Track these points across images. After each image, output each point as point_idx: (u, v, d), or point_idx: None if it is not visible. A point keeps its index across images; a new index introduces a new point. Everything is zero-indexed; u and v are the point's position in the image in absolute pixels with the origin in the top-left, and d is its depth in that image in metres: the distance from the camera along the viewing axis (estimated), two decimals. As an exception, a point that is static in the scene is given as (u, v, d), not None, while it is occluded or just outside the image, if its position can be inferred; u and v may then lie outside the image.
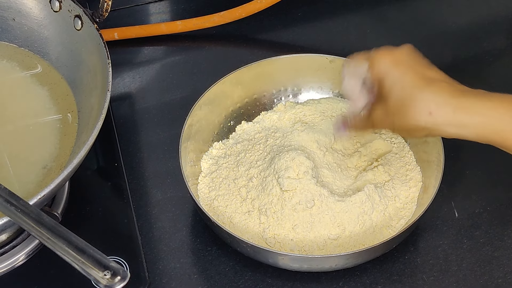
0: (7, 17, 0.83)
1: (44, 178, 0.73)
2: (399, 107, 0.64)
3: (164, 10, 1.04)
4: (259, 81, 0.85)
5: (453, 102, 0.62)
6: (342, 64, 0.72)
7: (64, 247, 0.56)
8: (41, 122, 0.78)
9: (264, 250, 0.70)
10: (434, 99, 0.62)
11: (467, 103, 0.62)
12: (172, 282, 0.74)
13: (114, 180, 0.82)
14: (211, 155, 0.81)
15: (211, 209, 0.76)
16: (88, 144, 0.66)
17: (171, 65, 0.97)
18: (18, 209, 0.59)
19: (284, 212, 0.73)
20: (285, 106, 0.86)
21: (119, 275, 0.54)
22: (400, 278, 0.74)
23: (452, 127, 0.62)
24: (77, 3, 0.78)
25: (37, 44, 0.83)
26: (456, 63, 0.96)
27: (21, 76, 0.82)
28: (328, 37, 1.00)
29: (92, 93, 0.76)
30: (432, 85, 0.63)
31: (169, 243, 0.77)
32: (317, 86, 0.87)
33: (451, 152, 0.84)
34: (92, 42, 0.76)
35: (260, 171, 0.77)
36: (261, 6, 0.97)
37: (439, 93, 0.62)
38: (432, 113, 0.62)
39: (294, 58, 0.85)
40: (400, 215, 0.75)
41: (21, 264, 0.74)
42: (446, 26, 1.01)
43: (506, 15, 1.02)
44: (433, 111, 0.62)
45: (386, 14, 1.03)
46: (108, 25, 0.96)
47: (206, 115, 0.82)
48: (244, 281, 0.75)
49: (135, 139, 0.87)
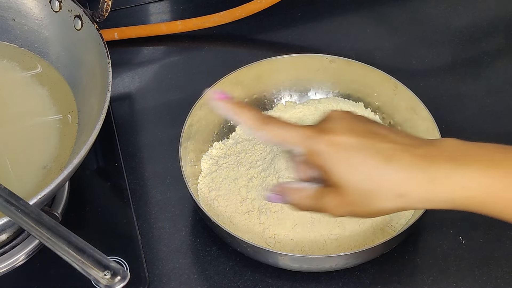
0: (7, 17, 0.83)
1: (44, 178, 0.73)
2: (359, 197, 0.54)
3: (164, 10, 1.04)
4: (259, 81, 0.85)
5: (425, 176, 0.52)
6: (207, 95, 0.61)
7: (64, 247, 0.56)
8: (41, 122, 0.78)
9: (264, 250, 0.70)
10: (400, 179, 0.52)
11: (441, 172, 0.52)
12: (171, 282, 0.74)
13: (114, 180, 0.82)
14: (211, 155, 0.81)
15: (211, 209, 0.76)
16: (88, 144, 0.66)
17: (171, 65, 0.97)
18: (18, 209, 0.59)
19: (284, 212, 0.73)
20: (285, 106, 0.86)
21: (119, 275, 0.54)
22: (399, 278, 0.74)
23: (428, 202, 0.53)
24: (77, 3, 0.78)
25: (37, 44, 0.83)
26: (455, 64, 0.97)
27: (21, 76, 0.82)
28: (328, 37, 1.00)
29: (92, 93, 0.76)
30: (392, 160, 0.53)
31: (168, 243, 0.77)
32: (317, 86, 0.87)
33: (451, 152, 0.84)
34: (92, 42, 0.76)
35: (260, 171, 0.77)
36: (261, 6, 0.97)
37: (404, 168, 0.52)
38: (403, 195, 0.52)
39: (294, 58, 0.85)
40: (400, 215, 0.75)
41: (21, 264, 0.74)
42: (445, 26, 1.01)
43: (505, 16, 1.02)
44: (403, 193, 0.52)
45: (386, 14, 1.03)
46: (108, 25, 0.96)
47: (206, 115, 0.82)
48: (243, 281, 0.75)
49: (135, 139, 0.87)
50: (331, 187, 0.55)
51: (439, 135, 0.76)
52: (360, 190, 0.53)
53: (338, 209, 0.55)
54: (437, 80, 0.94)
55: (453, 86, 0.93)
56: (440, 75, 0.95)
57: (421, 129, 0.79)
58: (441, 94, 0.92)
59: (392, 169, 0.52)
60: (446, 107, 0.90)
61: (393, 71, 0.84)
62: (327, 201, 0.55)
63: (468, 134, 0.88)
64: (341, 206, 0.55)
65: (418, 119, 0.80)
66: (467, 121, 0.89)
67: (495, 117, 0.89)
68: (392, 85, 0.82)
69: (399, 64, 0.96)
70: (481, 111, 0.91)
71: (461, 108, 0.91)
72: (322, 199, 0.56)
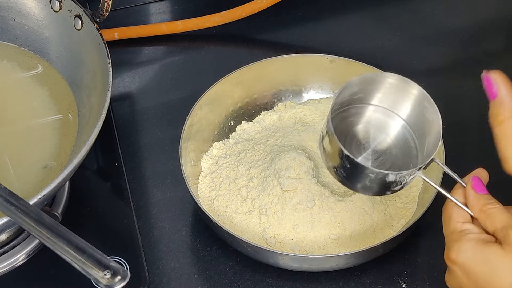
0: (7, 17, 0.83)
1: (44, 178, 0.73)
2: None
3: (164, 10, 1.04)
4: (259, 81, 0.85)
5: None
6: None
7: (64, 246, 0.56)
8: (41, 122, 0.78)
9: (265, 250, 0.70)
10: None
11: None
12: (172, 282, 0.74)
13: (114, 180, 0.82)
14: (212, 155, 0.81)
15: (212, 209, 0.76)
16: (88, 144, 0.66)
17: (171, 65, 0.97)
18: (18, 209, 0.59)
19: (284, 212, 0.73)
20: (286, 106, 0.86)
21: (119, 275, 0.54)
22: (400, 278, 0.74)
23: None
24: (77, 3, 0.78)
25: (37, 44, 0.83)
26: (455, 63, 0.96)
27: (21, 76, 0.82)
28: (328, 37, 1.00)
29: (92, 93, 0.76)
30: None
31: (169, 243, 0.77)
32: (318, 86, 0.87)
33: (452, 152, 0.84)
34: (92, 42, 0.76)
35: (260, 171, 0.77)
36: (261, 6, 0.97)
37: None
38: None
39: (295, 58, 0.85)
40: (400, 214, 0.75)
41: (21, 264, 0.74)
42: (446, 26, 1.01)
43: (506, 15, 1.02)
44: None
45: (386, 14, 1.03)
46: (109, 25, 0.96)
47: (206, 115, 0.82)
48: (243, 281, 0.75)
49: (135, 139, 0.87)
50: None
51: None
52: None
53: None
54: (437, 80, 0.94)
55: (454, 85, 0.93)
56: (440, 75, 0.95)
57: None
58: (441, 94, 0.92)
59: None
60: (446, 107, 0.90)
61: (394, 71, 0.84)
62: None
63: (468, 134, 0.88)
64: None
65: (418, 118, 0.80)
66: (467, 121, 0.89)
67: (495, 117, 0.89)
68: (393, 84, 0.82)
69: (399, 63, 0.96)
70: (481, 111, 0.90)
71: (461, 108, 0.90)
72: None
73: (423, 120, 0.68)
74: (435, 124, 0.66)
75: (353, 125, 0.71)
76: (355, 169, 0.64)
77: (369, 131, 0.71)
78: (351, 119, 0.71)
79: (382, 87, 0.69)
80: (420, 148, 0.69)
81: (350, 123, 0.71)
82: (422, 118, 0.68)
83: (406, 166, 0.68)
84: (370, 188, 0.65)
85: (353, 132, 0.71)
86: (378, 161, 0.69)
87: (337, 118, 0.69)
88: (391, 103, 0.70)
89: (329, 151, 0.66)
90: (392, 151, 0.70)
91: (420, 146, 0.69)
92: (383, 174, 0.63)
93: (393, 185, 0.64)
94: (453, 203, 0.61)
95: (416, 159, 0.69)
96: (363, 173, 0.64)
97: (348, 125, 0.71)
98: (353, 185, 0.66)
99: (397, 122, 0.70)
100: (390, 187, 0.64)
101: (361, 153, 0.69)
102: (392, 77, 0.68)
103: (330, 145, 0.65)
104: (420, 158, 0.68)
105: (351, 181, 0.66)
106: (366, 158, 0.69)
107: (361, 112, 0.71)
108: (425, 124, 0.68)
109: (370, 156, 0.69)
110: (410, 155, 0.70)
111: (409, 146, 0.70)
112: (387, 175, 0.63)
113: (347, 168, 0.64)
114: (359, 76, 0.67)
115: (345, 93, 0.67)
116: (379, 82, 0.69)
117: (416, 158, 0.69)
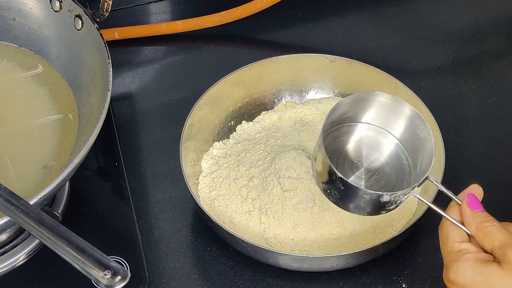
0: (8, 17, 0.83)
1: (45, 178, 0.73)
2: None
3: (164, 10, 1.04)
4: (259, 81, 0.85)
5: None
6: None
7: (65, 246, 0.56)
8: (42, 122, 0.78)
9: (265, 250, 0.70)
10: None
11: None
12: (172, 282, 0.74)
13: (114, 180, 0.82)
14: (212, 155, 0.81)
15: (212, 209, 0.76)
16: (88, 143, 0.66)
17: (171, 65, 0.97)
18: (18, 209, 0.59)
19: (284, 212, 0.73)
20: (286, 106, 0.86)
21: (120, 275, 0.54)
22: (400, 278, 0.74)
23: None
24: (78, 3, 0.78)
25: (38, 44, 0.83)
26: (455, 63, 0.96)
27: (21, 76, 0.82)
28: (328, 36, 1.00)
29: (93, 93, 0.76)
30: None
31: (169, 243, 0.77)
32: (318, 86, 0.87)
33: (452, 152, 0.84)
34: (92, 42, 0.76)
35: (260, 171, 0.77)
36: (261, 6, 0.97)
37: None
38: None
39: (295, 58, 0.85)
40: (400, 214, 0.75)
41: (22, 264, 0.74)
42: (446, 26, 1.01)
43: (505, 16, 1.02)
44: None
45: (386, 14, 1.03)
46: (109, 25, 0.96)
47: (206, 115, 0.82)
48: (244, 281, 0.75)
49: (135, 139, 0.87)
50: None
51: (439, 134, 0.76)
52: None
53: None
54: (437, 80, 0.94)
55: (454, 85, 0.93)
56: (441, 75, 0.95)
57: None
58: (441, 93, 0.92)
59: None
60: (446, 107, 0.90)
61: (394, 71, 0.84)
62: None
63: (468, 134, 0.88)
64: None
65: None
66: (467, 121, 0.89)
67: (495, 117, 0.89)
68: (393, 84, 0.82)
69: (400, 64, 0.96)
70: (481, 111, 0.90)
71: (461, 108, 0.90)
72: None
73: (415, 137, 0.68)
74: (428, 141, 0.66)
75: (345, 144, 0.71)
76: (349, 190, 0.64)
77: (361, 150, 0.71)
78: (342, 138, 0.71)
79: (373, 105, 0.69)
80: (413, 165, 0.69)
81: (341, 142, 0.71)
82: (414, 135, 0.68)
83: (400, 184, 0.68)
84: (365, 209, 0.65)
85: (345, 151, 0.71)
86: (372, 180, 0.69)
87: (328, 138, 0.69)
88: (382, 121, 0.70)
89: (321, 172, 0.66)
90: (385, 169, 0.70)
91: (413, 163, 0.69)
92: (377, 195, 0.63)
93: (388, 205, 0.64)
94: (449, 222, 0.61)
95: (410, 176, 0.69)
96: (357, 195, 0.64)
97: (339, 144, 0.71)
98: (347, 206, 0.66)
99: (389, 139, 0.70)
100: (385, 207, 0.64)
101: (353, 172, 0.69)
102: (383, 96, 0.68)
103: (323, 166, 0.65)
104: (414, 175, 0.68)
105: (345, 202, 0.66)
106: (359, 177, 0.69)
107: (353, 131, 0.71)
108: (417, 141, 0.68)
109: (363, 175, 0.69)
110: (404, 173, 0.69)
111: (402, 163, 0.70)
112: (381, 196, 0.63)
113: (340, 190, 0.64)
114: (350, 96, 0.68)
115: (336, 113, 0.68)
116: (370, 100, 0.69)
117: (409, 175, 0.69)
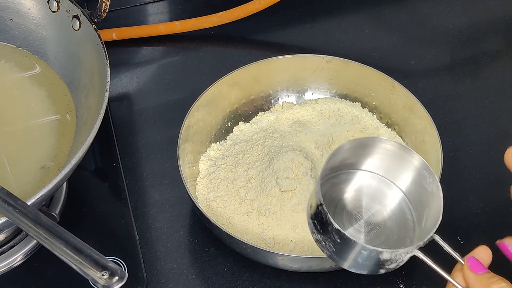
0: (5, 17, 0.83)
1: (42, 178, 0.73)
2: None
3: (162, 11, 1.04)
4: (256, 82, 0.85)
5: None
6: None
7: (62, 247, 0.56)
8: (39, 122, 0.78)
9: (264, 251, 0.70)
10: None
11: None
12: (169, 282, 0.74)
13: (112, 181, 0.82)
14: (209, 156, 0.81)
15: (210, 211, 0.76)
16: (86, 144, 0.66)
17: (169, 66, 0.97)
18: (16, 209, 0.59)
19: (283, 212, 0.73)
20: (283, 106, 0.86)
21: (117, 275, 0.54)
22: (398, 279, 0.74)
23: None
24: (75, 4, 0.78)
25: (35, 44, 0.83)
26: (454, 64, 0.97)
27: (19, 76, 0.82)
28: (326, 37, 1.00)
29: (90, 93, 0.76)
30: None
31: (167, 244, 0.77)
32: (314, 86, 0.87)
33: (450, 153, 0.84)
34: (90, 43, 0.76)
35: (258, 172, 0.77)
36: (259, 7, 0.97)
37: None
38: None
39: (292, 59, 0.85)
40: (398, 215, 0.75)
41: (19, 264, 0.74)
42: (444, 26, 1.01)
43: (503, 16, 1.03)
44: None
45: (384, 14, 1.03)
46: (106, 25, 0.96)
47: (203, 116, 0.82)
48: (241, 281, 0.75)
49: (133, 139, 0.87)
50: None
51: (437, 134, 0.76)
52: None
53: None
54: (435, 80, 0.94)
55: (452, 86, 0.93)
56: (438, 75, 0.95)
57: (418, 128, 0.80)
58: (439, 94, 0.92)
59: None
60: (444, 107, 0.90)
61: (392, 71, 0.84)
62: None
63: (466, 134, 0.88)
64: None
65: (415, 118, 0.80)
66: (465, 121, 0.89)
67: (493, 118, 0.90)
68: (389, 84, 0.82)
69: (397, 64, 0.96)
70: (479, 112, 0.91)
71: (459, 108, 0.91)
72: None
73: (421, 191, 0.63)
74: (435, 196, 0.61)
75: (344, 192, 0.65)
76: (346, 244, 0.58)
77: (361, 200, 0.65)
78: (341, 186, 0.65)
79: (377, 152, 0.64)
80: (417, 221, 0.64)
81: (340, 190, 0.65)
82: (421, 188, 0.63)
83: (402, 240, 0.63)
84: (362, 266, 0.60)
85: (344, 201, 0.65)
86: (371, 234, 0.63)
87: (326, 184, 0.64)
88: (386, 170, 0.64)
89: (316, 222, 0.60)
90: (387, 223, 0.64)
91: (418, 218, 0.63)
92: (377, 252, 0.57)
93: (388, 263, 0.59)
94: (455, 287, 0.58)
95: (413, 232, 0.63)
96: (354, 249, 0.58)
97: (338, 193, 0.65)
98: (343, 262, 0.60)
99: (393, 191, 0.65)
100: (384, 265, 0.59)
101: (352, 224, 0.64)
102: (388, 142, 0.63)
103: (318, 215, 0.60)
104: (418, 232, 0.63)
105: (341, 257, 0.60)
106: (358, 230, 0.63)
107: (353, 179, 0.66)
108: (424, 194, 0.62)
109: (363, 228, 0.63)
110: (407, 228, 0.64)
111: (406, 218, 0.64)
112: (381, 253, 0.57)
113: (336, 243, 0.59)
114: (351, 141, 0.63)
115: (336, 158, 0.62)
116: (373, 147, 0.63)
117: (413, 231, 0.63)
